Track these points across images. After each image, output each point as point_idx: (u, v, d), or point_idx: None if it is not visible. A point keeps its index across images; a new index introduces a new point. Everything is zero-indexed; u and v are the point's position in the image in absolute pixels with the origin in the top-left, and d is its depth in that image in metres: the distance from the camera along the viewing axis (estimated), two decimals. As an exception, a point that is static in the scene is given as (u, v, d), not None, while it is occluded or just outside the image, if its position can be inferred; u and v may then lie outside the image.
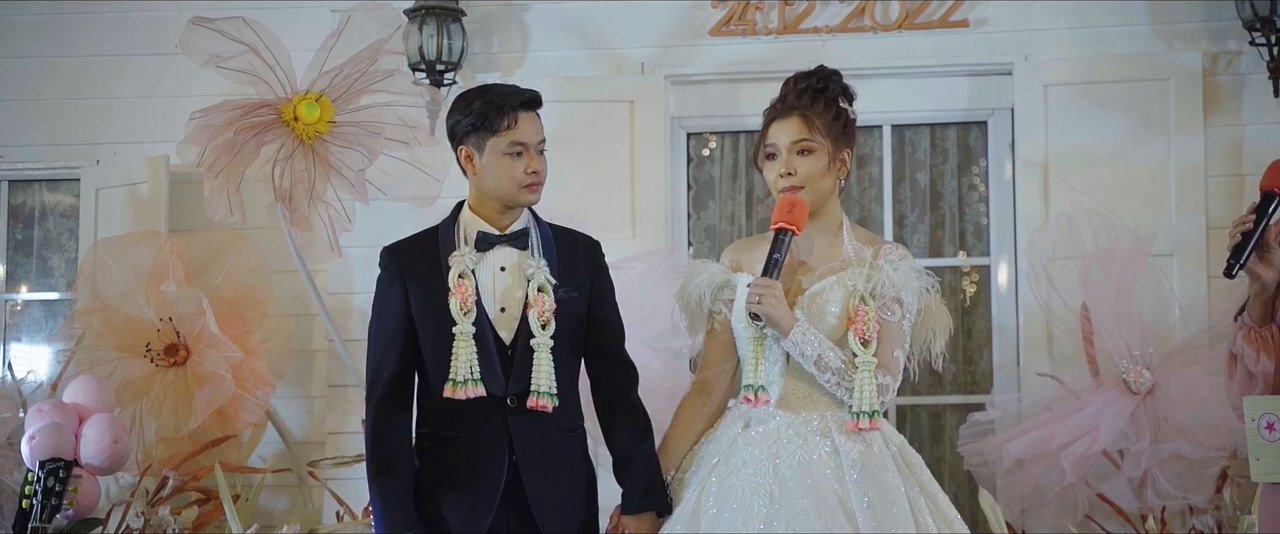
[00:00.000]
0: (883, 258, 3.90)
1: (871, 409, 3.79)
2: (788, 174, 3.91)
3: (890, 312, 3.86)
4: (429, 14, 5.84)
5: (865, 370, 3.80)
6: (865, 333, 3.81)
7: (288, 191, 5.33)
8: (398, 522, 3.84)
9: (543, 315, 3.86)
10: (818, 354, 3.80)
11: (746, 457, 3.84)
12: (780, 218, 3.83)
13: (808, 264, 3.96)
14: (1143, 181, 5.65)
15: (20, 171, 6.37)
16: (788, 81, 4.03)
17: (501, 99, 3.88)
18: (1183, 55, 5.70)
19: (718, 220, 6.10)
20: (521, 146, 3.87)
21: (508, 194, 3.90)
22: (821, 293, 3.88)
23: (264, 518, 5.80)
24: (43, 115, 6.29)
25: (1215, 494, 5.16)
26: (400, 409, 3.94)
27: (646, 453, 3.97)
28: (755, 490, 3.77)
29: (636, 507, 3.94)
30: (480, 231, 3.92)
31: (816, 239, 3.97)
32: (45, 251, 6.45)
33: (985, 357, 5.90)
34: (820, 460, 3.79)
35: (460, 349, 3.81)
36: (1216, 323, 5.30)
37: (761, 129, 4.01)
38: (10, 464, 5.41)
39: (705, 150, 6.14)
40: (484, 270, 3.90)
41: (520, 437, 3.86)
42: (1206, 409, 5.08)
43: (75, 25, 6.29)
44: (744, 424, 3.92)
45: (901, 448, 3.90)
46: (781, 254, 3.81)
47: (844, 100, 3.99)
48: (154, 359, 5.65)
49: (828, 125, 3.93)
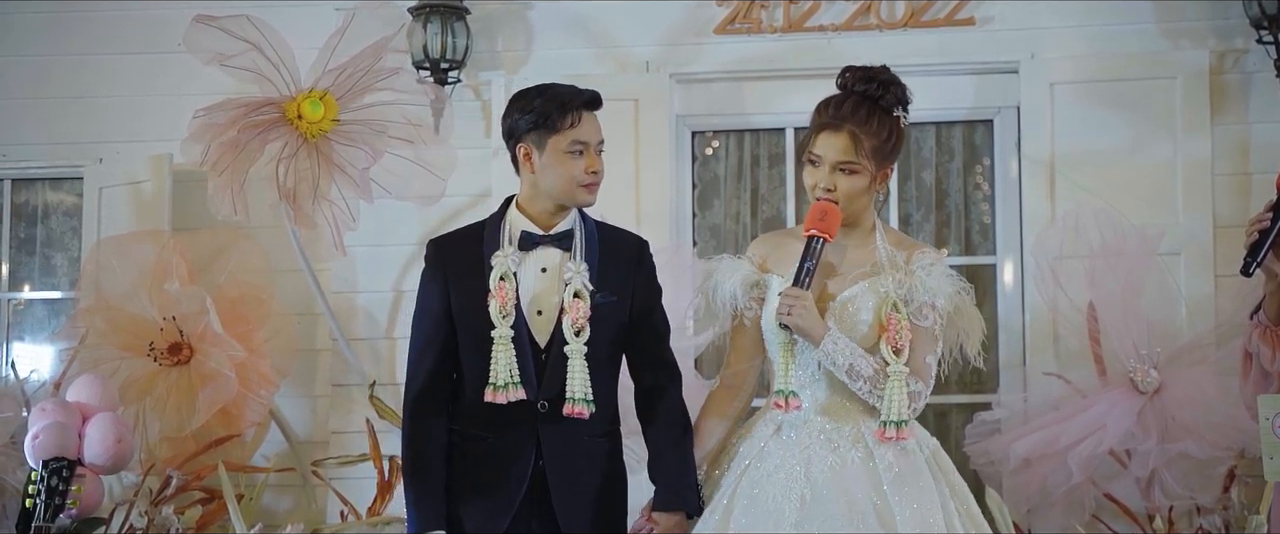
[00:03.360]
0: (915, 263, 3.86)
1: (901, 418, 3.76)
2: (827, 190, 3.85)
3: (923, 317, 3.83)
4: (433, 12, 5.83)
5: (896, 379, 3.76)
6: (898, 342, 3.78)
7: (291, 190, 5.32)
8: (430, 520, 3.84)
9: (577, 322, 3.84)
10: (850, 363, 3.78)
11: (778, 461, 3.82)
12: (813, 225, 3.80)
13: (838, 269, 3.92)
14: (1149, 180, 5.64)
15: (23, 170, 6.36)
16: (846, 77, 3.93)
17: (564, 98, 3.88)
18: (1189, 53, 5.68)
19: (723, 219, 6.08)
20: (583, 145, 3.87)
21: (566, 193, 3.89)
22: (853, 299, 3.85)
23: (267, 518, 5.78)
24: (45, 114, 6.28)
25: (1223, 494, 5.14)
26: (438, 404, 3.92)
27: (682, 452, 3.94)
28: (786, 495, 3.75)
29: (667, 505, 3.92)
30: (524, 231, 3.91)
31: (848, 243, 3.93)
32: (48, 250, 6.44)
33: (991, 356, 5.88)
34: (854, 467, 3.77)
35: (500, 353, 3.80)
36: (1223, 322, 5.28)
37: (810, 129, 3.93)
38: (13, 463, 5.40)
39: (710, 149, 6.12)
40: (525, 271, 3.89)
41: (549, 441, 3.85)
42: (1214, 409, 5.07)
43: (78, 23, 6.27)
44: (776, 427, 3.89)
45: (935, 452, 3.89)
46: (813, 262, 3.78)
47: (900, 109, 3.92)
48: (157, 358, 5.63)
49: (877, 146, 3.86)
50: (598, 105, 3.94)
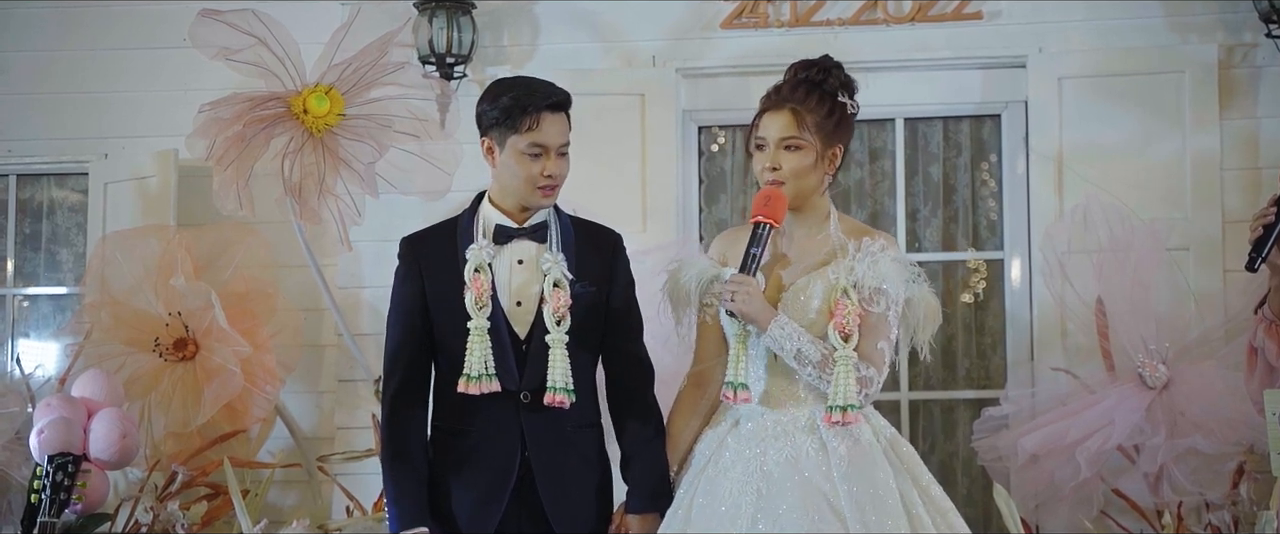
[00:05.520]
0: (863, 250, 3.86)
1: (848, 403, 3.75)
2: (773, 169, 3.89)
3: (873, 303, 3.83)
4: (439, 7, 5.82)
5: (843, 364, 3.76)
6: (845, 326, 3.78)
7: (297, 185, 5.32)
8: (411, 516, 3.82)
9: (558, 311, 3.84)
10: (796, 348, 3.78)
11: (735, 455, 3.82)
12: (758, 211, 3.83)
13: (789, 257, 3.94)
14: (1157, 175, 5.62)
15: (28, 166, 6.36)
16: (790, 68, 4.00)
17: (527, 98, 3.84)
18: (1198, 48, 5.66)
19: (729, 214, 6.07)
20: (541, 148, 3.85)
21: (521, 194, 3.89)
22: (804, 287, 3.86)
23: (273, 513, 5.78)
24: (50, 109, 6.28)
25: (1231, 489, 5.13)
26: (416, 401, 3.92)
27: (654, 453, 3.95)
28: (743, 488, 3.75)
29: (641, 507, 3.92)
30: (498, 225, 3.90)
31: (800, 231, 3.96)
32: (53, 246, 6.44)
33: (999, 351, 5.87)
34: (808, 457, 3.77)
35: (475, 344, 3.80)
36: (1232, 317, 5.27)
37: (754, 116, 3.98)
38: (19, 459, 5.41)
39: (716, 144, 6.11)
40: (501, 264, 3.89)
41: (533, 432, 3.84)
42: (1222, 404, 5.05)
43: (83, 19, 6.28)
44: (734, 421, 3.90)
45: (892, 440, 3.88)
46: (759, 248, 3.80)
47: (844, 94, 3.95)
48: (163, 354, 5.63)
49: (819, 123, 3.89)
50: (565, 107, 3.90)
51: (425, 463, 3.89)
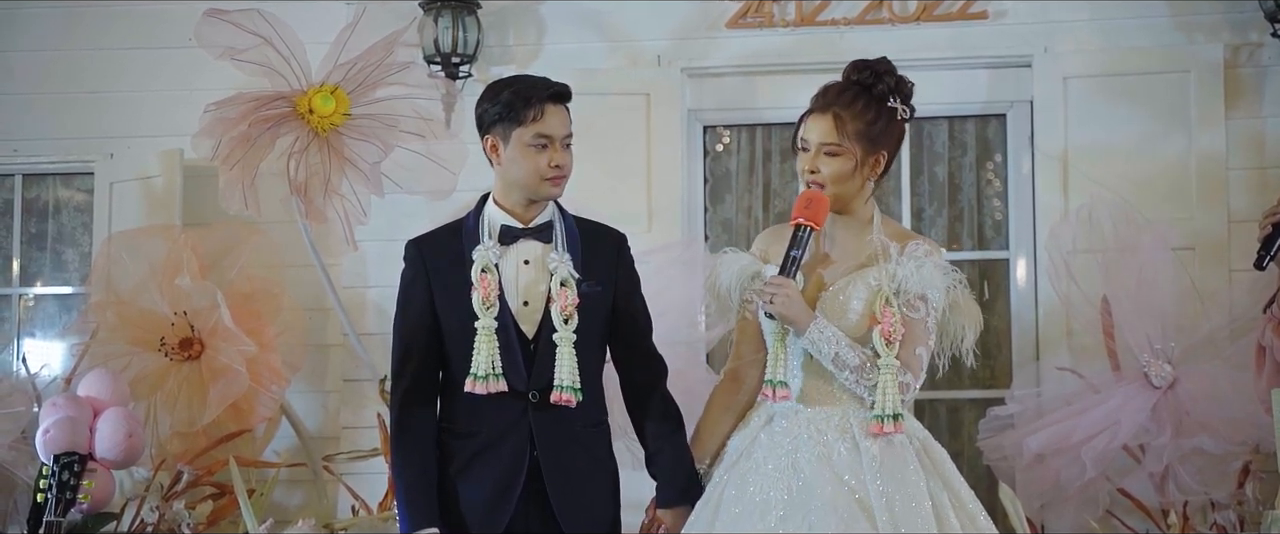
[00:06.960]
0: (907, 255, 3.84)
1: (894, 411, 3.74)
2: (813, 173, 3.86)
3: (914, 309, 3.81)
4: (444, 6, 5.82)
5: (888, 372, 3.75)
6: (891, 333, 3.76)
7: (303, 184, 5.32)
8: (422, 517, 3.82)
9: (566, 309, 3.83)
10: (835, 352, 3.76)
11: (767, 451, 3.81)
12: (799, 213, 3.80)
13: (831, 258, 3.92)
14: (1163, 175, 5.62)
15: (34, 165, 6.37)
16: (847, 68, 3.94)
17: (529, 91, 3.85)
18: (1203, 47, 5.66)
19: (735, 214, 6.07)
20: (546, 139, 3.85)
21: (530, 186, 3.88)
22: (844, 289, 3.84)
23: (279, 513, 5.78)
24: (56, 109, 6.29)
25: (1237, 489, 5.12)
26: (424, 403, 3.92)
27: (679, 446, 3.95)
28: (774, 484, 3.74)
29: (672, 501, 3.93)
30: (504, 225, 3.90)
31: (843, 233, 3.92)
32: (59, 246, 6.44)
33: (1004, 351, 5.87)
34: (840, 456, 3.76)
35: (482, 344, 3.79)
36: (1238, 317, 5.25)
37: (801, 114, 3.94)
38: (25, 458, 5.41)
39: (721, 144, 6.11)
40: (507, 264, 3.89)
41: (542, 432, 3.84)
42: (1228, 403, 5.05)
43: (89, 18, 6.28)
44: (768, 419, 3.89)
45: (924, 443, 3.87)
46: (799, 250, 3.78)
47: (895, 98, 3.89)
48: (168, 353, 5.63)
49: (861, 129, 3.84)
50: (566, 98, 3.91)
51: (435, 464, 3.89)
